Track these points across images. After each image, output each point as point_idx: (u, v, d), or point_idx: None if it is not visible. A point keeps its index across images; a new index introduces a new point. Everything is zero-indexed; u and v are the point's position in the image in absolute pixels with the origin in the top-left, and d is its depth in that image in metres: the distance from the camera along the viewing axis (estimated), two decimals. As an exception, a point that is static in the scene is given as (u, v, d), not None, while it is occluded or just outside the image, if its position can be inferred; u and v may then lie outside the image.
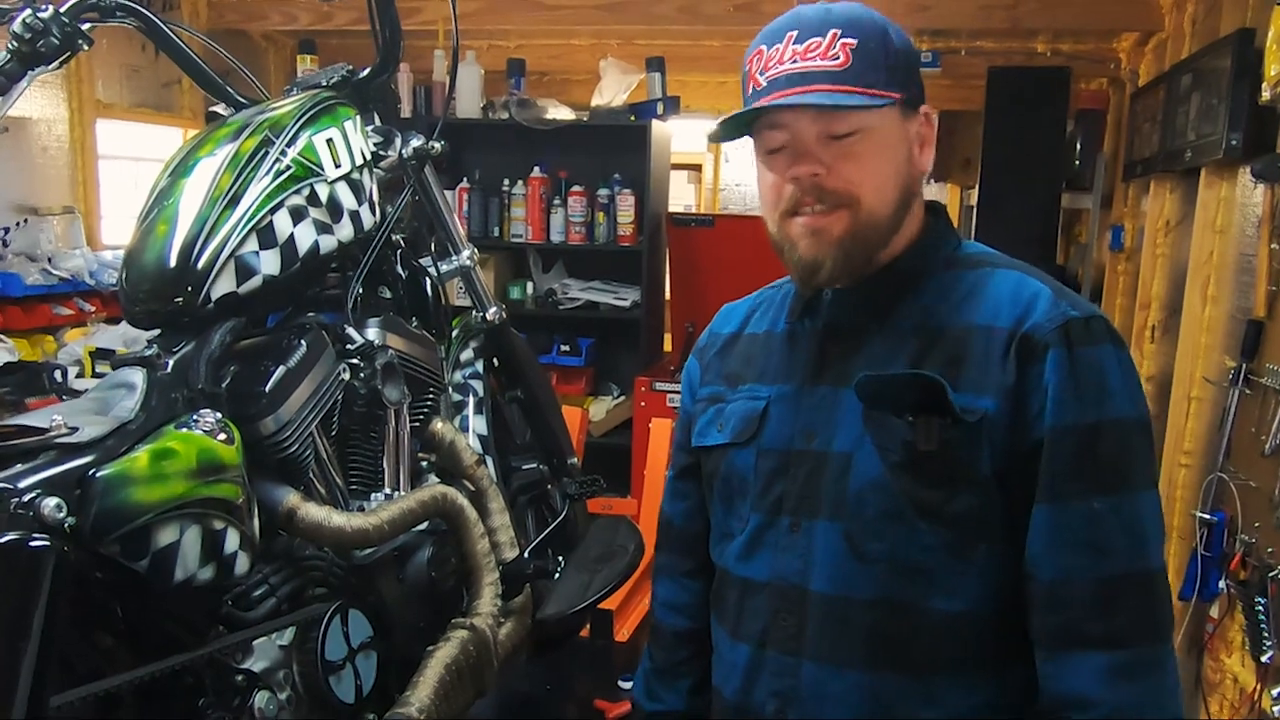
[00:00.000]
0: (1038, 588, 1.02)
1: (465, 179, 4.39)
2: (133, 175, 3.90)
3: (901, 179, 1.09)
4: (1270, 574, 2.12)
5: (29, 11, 1.45)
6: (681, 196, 6.48)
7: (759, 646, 1.14)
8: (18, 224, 3.26)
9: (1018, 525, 1.03)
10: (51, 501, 1.06)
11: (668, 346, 4.79)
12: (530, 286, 4.48)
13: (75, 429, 1.16)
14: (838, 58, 1.03)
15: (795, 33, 1.05)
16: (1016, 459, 1.02)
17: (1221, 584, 2.44)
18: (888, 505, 1.05)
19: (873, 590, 1.06)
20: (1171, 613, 1.05)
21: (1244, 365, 2.42)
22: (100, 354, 3.07)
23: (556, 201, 4.31)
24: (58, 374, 2.90)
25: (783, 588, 1.12)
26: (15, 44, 1.45)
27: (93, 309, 3.34)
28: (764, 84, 1.06)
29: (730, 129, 1.10)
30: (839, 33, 1.04)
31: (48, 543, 1.04)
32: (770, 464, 1.14)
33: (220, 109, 1.75)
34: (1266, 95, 2.20)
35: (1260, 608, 2.17)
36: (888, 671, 1.07)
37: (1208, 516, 2.51)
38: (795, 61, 1.04)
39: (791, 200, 1.08)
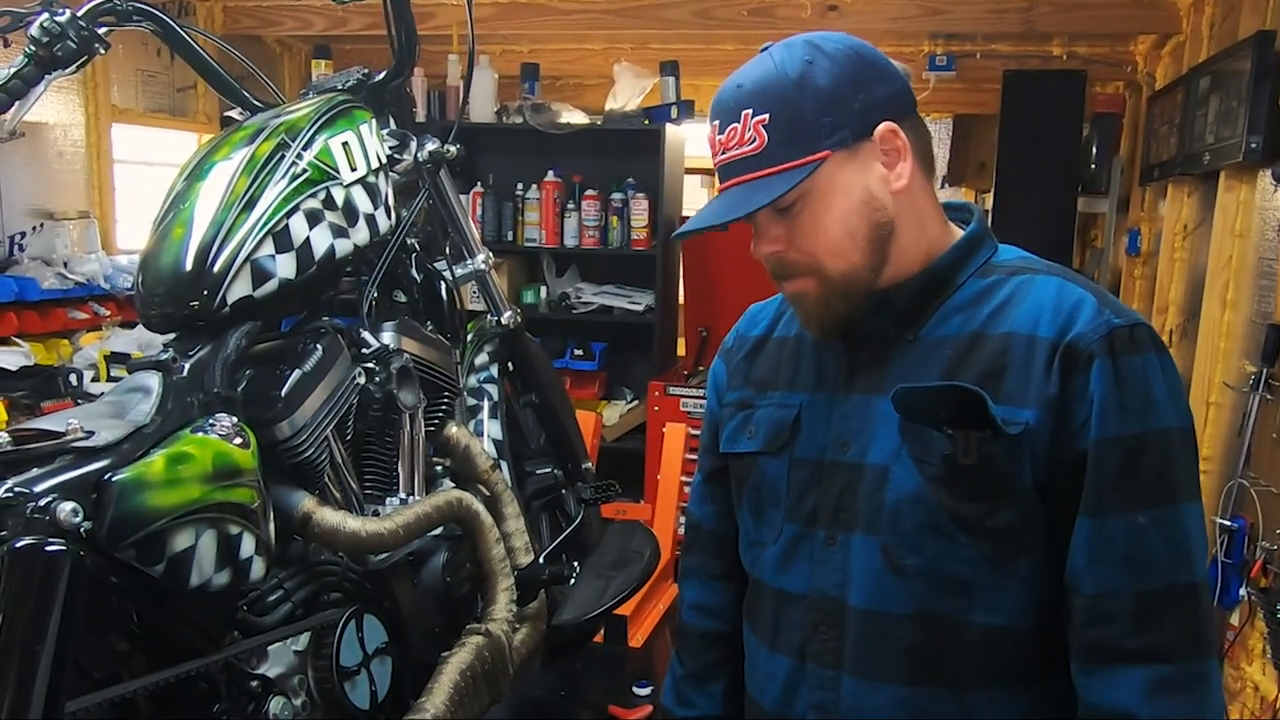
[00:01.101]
0: (1079, 601, 1.00)
1: (479, 183, 4.39)
2: (148, 180, 3.91)
3: (866, 219, 1.06)
4: (1292, 581, 2.10)
5: (46, 15, 1.46)
6: (695, 201, 6.46)
7: (799, 659, 1.13)
8: (34, 228, 3.27)
9: (1059, 537, 1.02)
10: (68, 506, 1.06)
11: (681, 351, 4.78)
12: (544, 290, 4.48)
13: (91, 433, 1.16)
14: (754, 140, 1.04)
15: (718, 122, 1.07)
16: (1059, 470, 1.00)
17: (1242, 591, 2.42)
18: (926, 519, 1.04)
19: (911, 605, 1.05)
20: (1214, 625, 1.03)
21: (1264, 370, 2.40)
22: (115, 358, 3.08)
23: (570, 205, 4.31)
24: (73, 378, 2.91)
25: (822, 601, 1.11)
26: (33, 48, 1.45)
27: (108, 313, 3.35)
28: (716, 172, 1.10)
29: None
30: (750, 112, 1.04)
31: (64, 547, 1.04)
32: (803, 474, 1.13)
33: (235, 113, 1.75)
34: (1287, 98, 2.19)
35: (1282, 615, 2.15)
36: (926, 686, 1.06)
37: (1228, 523, 2.49)
38: (724, 152, 1.07)
39: (771, 272, 1.12)
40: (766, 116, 1.03)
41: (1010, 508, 1.02)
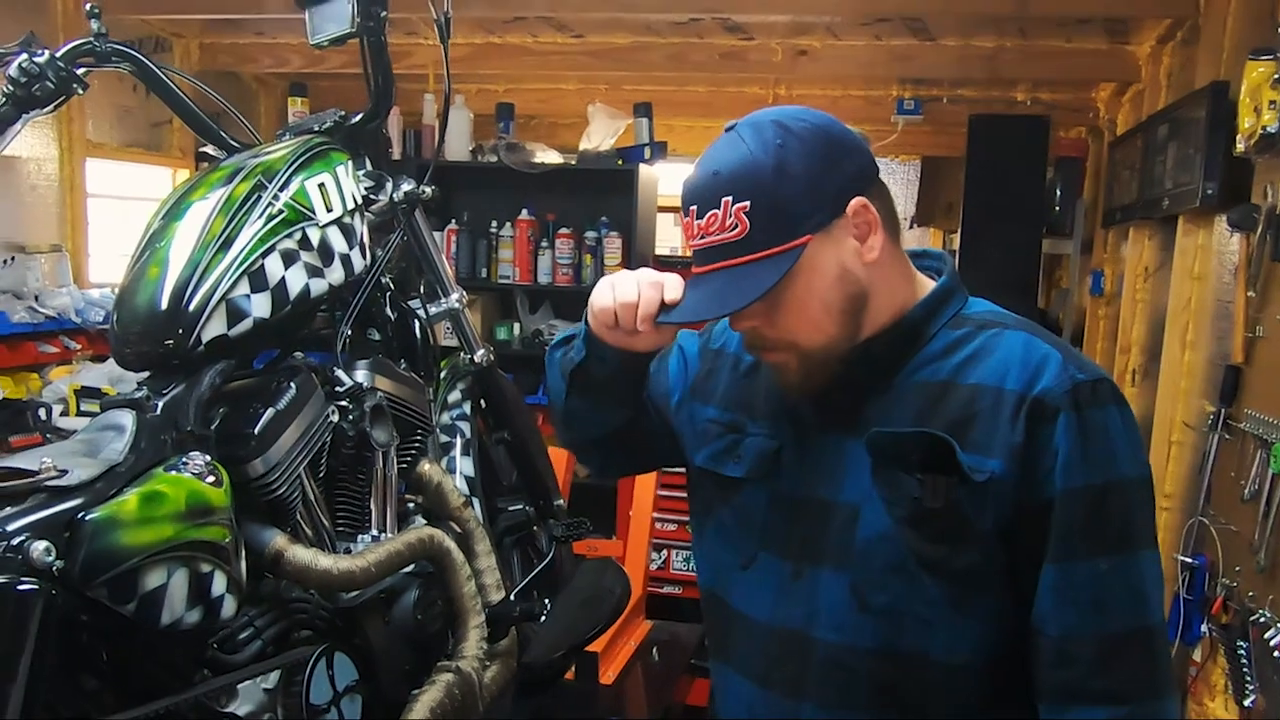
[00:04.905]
0: (1045, 643, 1.04)
1: (454, 220, 4.41)
2: (121, 214, 3.91)
3: (842, 293, 1.09)
4: (1251, 618, 2.14)
5: (25, 56, 1.48)
6: (668, 239, 6.51)
7: (761, 686, 1.16)
8: (5, 261, 3.26)
9: (1019, 579, 1.06)
10: (40, 545, 1.06)
11: (654, 388, 4.79)
12: (517, 327, 4.49)
13: (64, 471, 1.16)
14: (735, 227, 1.05)
15: (695, 207, 1.08)
16: (1023, 517, 1.04)
17: (1204, 628, 2.45)
18: (893, 558, 1.07)
19: (876, 640, 1.08)
20: (1171, 667, 1.07)
21: (1223, 410, 2.44)
22: (85, 392, 3.06)
23: (544, 243, 4.34)
24: (42, 412, 2.89)
25: (785, 634, 1.13)
26: (11, 88, 1.47)
27: (79, 347, 3.34)
28: (692, 254, 1.11)
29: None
30: (730, 199, 1.05)
31: (36, 586, 1.04)
32: (778, 505, 1.16)
33: (211, 150, 1.76)
34: (1240, 146, 2.25)
35: (1242, 651, 2.18)
36: (889, 718, 1.09)
37: (1189, 560, 2.52)
38: (702, 236, 1.08)
39: (747, 344, 1.16)
40: (748, 204, 1.04)
41: (972, 550, 1.05)
